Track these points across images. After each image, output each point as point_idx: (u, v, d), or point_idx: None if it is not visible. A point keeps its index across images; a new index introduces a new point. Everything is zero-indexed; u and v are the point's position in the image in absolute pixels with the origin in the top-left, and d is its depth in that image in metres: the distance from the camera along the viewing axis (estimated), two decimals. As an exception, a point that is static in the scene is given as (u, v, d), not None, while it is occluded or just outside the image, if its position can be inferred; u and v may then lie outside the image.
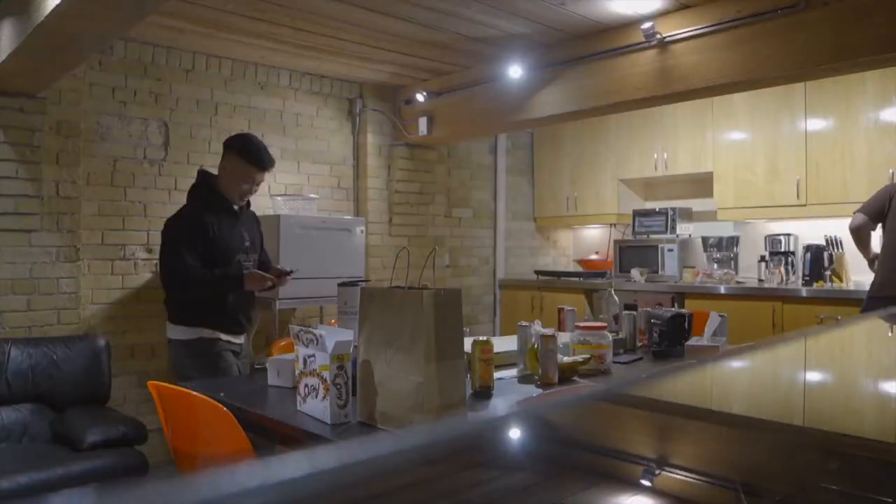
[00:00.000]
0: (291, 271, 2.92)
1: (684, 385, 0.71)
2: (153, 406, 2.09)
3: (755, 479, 0.47)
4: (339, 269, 4.10)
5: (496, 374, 2.12)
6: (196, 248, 2.70)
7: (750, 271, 4.79)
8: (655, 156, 5.18)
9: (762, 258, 4.67)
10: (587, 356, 2.31)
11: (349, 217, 4.81)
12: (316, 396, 1.78)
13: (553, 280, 5.52)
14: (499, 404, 1.99)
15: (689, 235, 5.10)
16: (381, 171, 5.06)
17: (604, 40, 3.83)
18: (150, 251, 4.11)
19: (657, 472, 0.49)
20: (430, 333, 1.58)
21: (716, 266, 4.85)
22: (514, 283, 5.75)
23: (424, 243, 5.05)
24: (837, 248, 4.39)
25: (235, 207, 2.86)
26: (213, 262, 2.72)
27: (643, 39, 3.58)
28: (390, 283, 2.03)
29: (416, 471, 0.39)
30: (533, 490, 0.43)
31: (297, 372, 1.90)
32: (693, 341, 2.62)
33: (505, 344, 2.52)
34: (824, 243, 4.42)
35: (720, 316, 2.74)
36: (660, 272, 4.94)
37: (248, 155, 2.82)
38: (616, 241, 5.40)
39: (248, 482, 0.30)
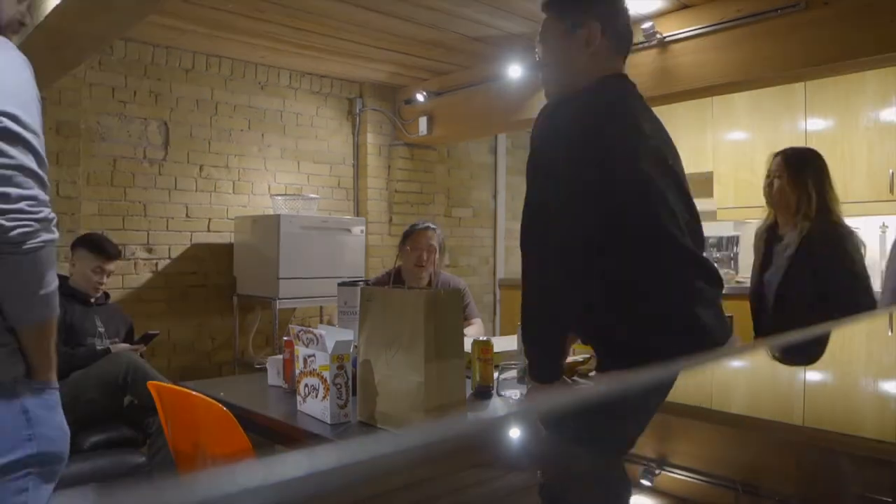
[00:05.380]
0: (154, 334, 3.30)
1: (684, 385, 0.71)
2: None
3: (755, 479, 0.47)
4: (339, 269, 4.10)
5: (496, 374, 2.12)
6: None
7: (750, 271, 4.79)
8: (655, 156, 5.17)
9: (762, 258, 4.67)
10: (587, 356, 2.31)
11: (349, 217, 4.81)
12: (316, 396, 1.78)
13: (553, 280, 5.51)
14: (499, 404, 1.99)
15: (689, 235, 5.09)
16: (381, 171, 5.06)
17: (604, 40, 3.83)
18: (150, 251, 4.11)
19: (657, 472, 0.49)
20: (430, 333, 1.58)
21: (716, 266, 4.85)
22: (514, 283, 5.75)
23: (424, 243, 5.05)
24: (837, 248, 4.38)
25: (92, 300, 3.15)
26: (65, 342, 2.94)
27: (643, 39, 3.58)
28: (390, 283, 2.03)
29: (416, 471, 0.39)
30: (533, 490, 0.43)
31: (296, 372, 1.90)
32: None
33: (505, 344, 2.52)
34: (824, 243, 4.41)
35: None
36: (660, 272, 4.93)
37: (95, 248, 3.16)
38: (616, 241, 5.39)
39: (248, 482, 0.30)
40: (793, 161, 2.53)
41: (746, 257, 4.89)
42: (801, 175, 2.49)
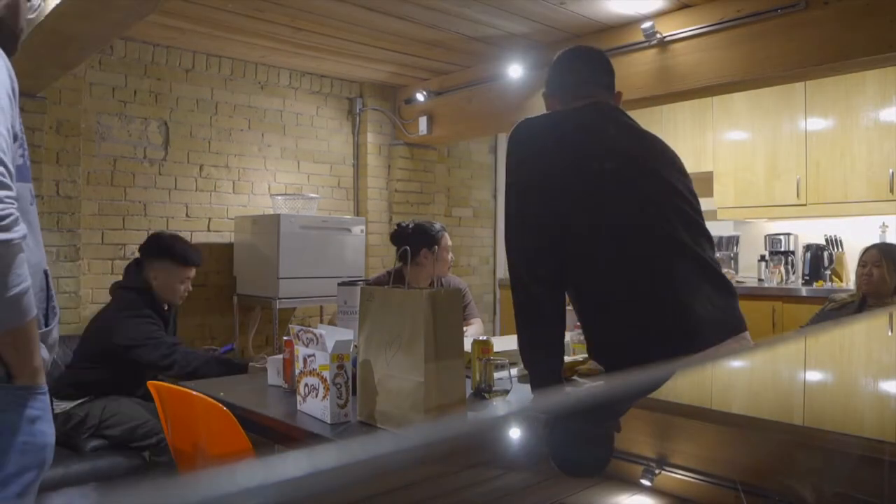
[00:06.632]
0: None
1: (684, 385, 0.71)
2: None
3: (755, 479, 0.47)
4: (339, 268, 4.10)
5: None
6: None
7: (750, 271, 4.79)
8: (655, 155, 5.17)
9: (762, 258, 4.67)
10: (587, 356, 2.31)
11: (349, 217, 4.81)
12: (316, 396, 1.78)
13: (553, 280, 5.51)
14: (499, 404, 1.99)
15: (689, 235, 5.09)
16: (381, 171, 5.06)
17: (604, 40, 3.83)
18: (150, 251, 4.11)
19: (657, 472, 0.49)
20: (430, 333, 1.58)
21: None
22: (514, 283, 5.74)
23: (424, 243, 5.05)
24: (837, 248, 4.39)
25: (165, 307, 3.03)
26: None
27: (643, 39, 3.58)
28: (390, 282, 2.02)
29: (416, 471, 0.39)
30: (533, 490, 0.43)
31: (296, 371, 1.90)
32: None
33: (505, 344, 2.51)
34: (824, 243, 4.42)
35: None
36: (660, 272, 4.93)
37: (181, 259, 2.98)
38: (616, 241, 5.39)
39: (248, 482, 0.30)
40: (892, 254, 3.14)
41: (746, 257, 4.89)
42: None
